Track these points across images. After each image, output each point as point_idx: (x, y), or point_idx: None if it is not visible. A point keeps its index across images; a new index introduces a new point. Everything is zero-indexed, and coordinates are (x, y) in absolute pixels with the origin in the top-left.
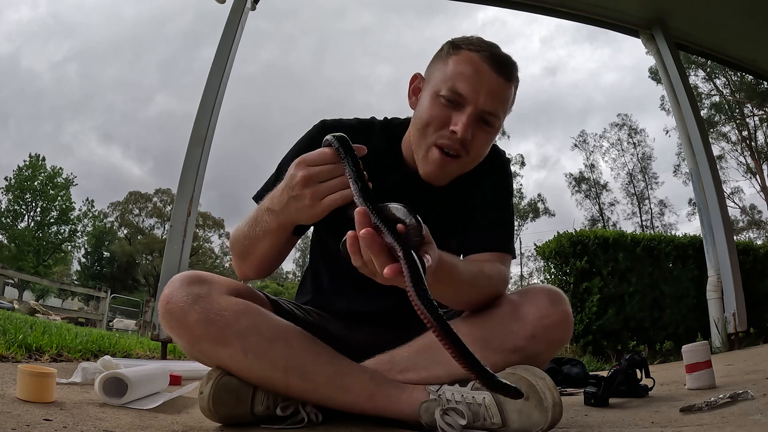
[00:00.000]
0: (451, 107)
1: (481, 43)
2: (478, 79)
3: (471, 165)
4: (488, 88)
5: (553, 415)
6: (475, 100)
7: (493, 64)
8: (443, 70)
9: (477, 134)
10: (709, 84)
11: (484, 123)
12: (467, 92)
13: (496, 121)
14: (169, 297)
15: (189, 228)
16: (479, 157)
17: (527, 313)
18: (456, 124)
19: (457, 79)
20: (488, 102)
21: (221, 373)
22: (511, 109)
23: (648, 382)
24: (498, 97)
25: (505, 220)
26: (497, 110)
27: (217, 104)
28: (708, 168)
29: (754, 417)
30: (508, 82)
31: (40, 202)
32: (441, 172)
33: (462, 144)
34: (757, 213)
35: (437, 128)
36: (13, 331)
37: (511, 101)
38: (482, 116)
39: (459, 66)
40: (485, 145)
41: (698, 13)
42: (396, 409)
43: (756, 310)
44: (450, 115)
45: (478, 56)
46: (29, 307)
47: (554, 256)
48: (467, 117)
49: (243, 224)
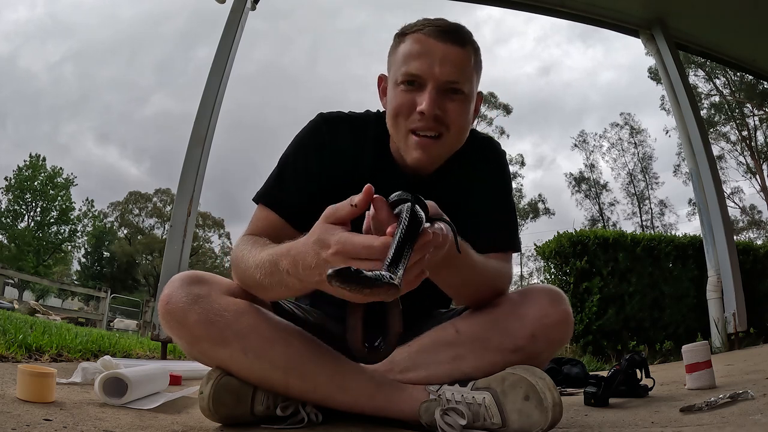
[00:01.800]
0: (413, 91)
1: (424, 22)
2: (427, 54)
3: (456, 140)
4: (441, 59)
5: (553, 415)
6: (430, 74)
7: (438, 36)
8: (395, 59)
9: (448, 106)
10: (709, 84)
11: (452, 92)
12: (420, 70)
13: (462, 87)
14: (169, 297)
15: (189, 228)
16: (461, 128)
17: (527, 312)
18: (421, 104)
19: (408, 62)
20: (445, 71)
21: (221, 373)
22: (478, 73)
23: (648, 382)
24: (454, 64)
25: (508, 219)
26: (457, 77)
27: (217, 104)
28: (708, 168)
29: (754, 417)
30: (460, 47)
31: (40, 202)
32: (426, 156)
33: (437, 120)
34: (757, 213)
35: (406, 115)
36: (13, 331)
37: (473, 65)
38: (445, 87)
39: (407, 48)
40: (461, 114)
41: (698, 13)
42: (396, 409)
43: (756, 310)
44: (414, 99)
45: (422, 34)
46: (29, 307)
47: (554, 256)
48: (429, 93)
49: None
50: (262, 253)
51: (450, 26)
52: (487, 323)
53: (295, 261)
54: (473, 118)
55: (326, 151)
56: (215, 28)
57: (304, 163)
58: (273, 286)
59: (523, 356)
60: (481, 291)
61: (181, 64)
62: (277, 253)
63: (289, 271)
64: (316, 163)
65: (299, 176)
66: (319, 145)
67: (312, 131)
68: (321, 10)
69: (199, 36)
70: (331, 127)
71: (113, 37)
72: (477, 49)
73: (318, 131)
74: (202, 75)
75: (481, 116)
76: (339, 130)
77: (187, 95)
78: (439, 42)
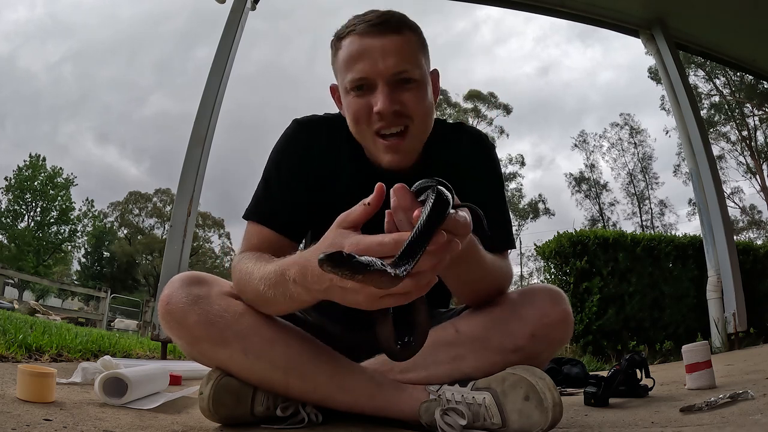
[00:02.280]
0: (365, 94)
1: (355, 21)
2: (366, 54)
3: (423, 128)
4: (381, 54)
5: (553, 415)
6: (376, 73)
7: (372, 31)
8: (339, 66)
9: (404, 97)
10: (709, 84)
11: (404, 83)
12: (365, 72)
13: (412, 74)
14: (169, 298)
15: (189, 228)
16: (425, 115)
17: (527, 312)
18: (376, 104)
19: (351, 68)
20: (390, 65)
21: (221, 373)
22: (425, 53)
23: (648, 382)
24: (396, 54)
25: (504, 217)
26: (404, 66)
27: (217, 104)
28: (708, 168)
29: (754, 417)
30: (397, 34)
31: (40, 202)
32: (397, 155)
33: (397, 115)
34: (757, 213)
35: (366, 119)
36: (13, 331)
37: (418, 47)
38: (396, 80)
39: (345, 54)
40: (420, 101)
41: (698, 13)
42: (396, 409)
43: (756, 310)
44: (368, 102)
45: (354, 36)
46: (29, 307)
47: (554, 256)
48: (381, 92)
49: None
50: (267, 266)
51: (381, 16)
52: (487, 323)
53: (304, 269)
54: (435, 98)
55: (306, 156)
56: (215, 28)
57: (288, 172)
58: (277, 298)
59: (523, 356)
60: (487, 288)
61: (181, 64)
62: (284, 264)
63: (296, 280)
64: (299, 170)
65: (285, 187)
66: (298, 151)
67: (289, 139)
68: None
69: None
70: (307, 131)
71: (112, 37)
72: (416, 28)
73: (295, 138)
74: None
75: (481, 116)
76: (315, 134)
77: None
78: (374, 37)
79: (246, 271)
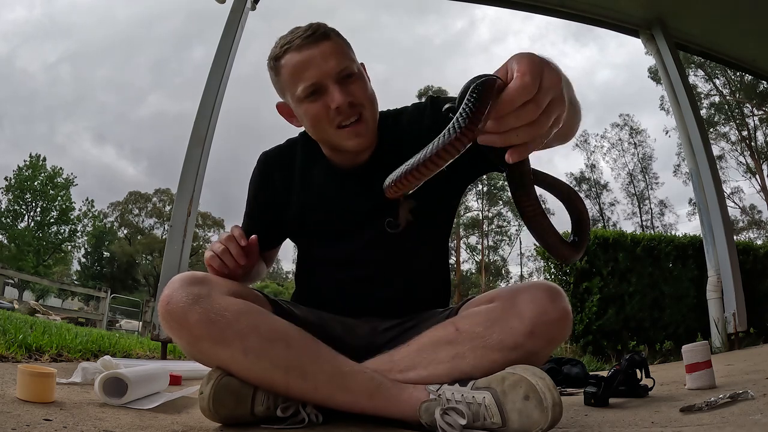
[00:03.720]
0: (318, 98)
1: (289, 39)
2: (310, 62)
3: (373, 112)
4: (322, 58)
5: (553, 415)
6: (324, 74)
7: (307, 42)
8: (285, 83)
9: (352, 89)
10: (709, 84)
11: (348, 77)
12: (314, 77)
13: (351, 69)
14: (169, 297)
15: (189, 228)
16: (372, 100)
17: (526, 309)
18: (332, 101)
19: (299, 79)
20: (332, 65)
21: (221, 373)
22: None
23: (648, 382)
24: (334, 56)
25: None
26: (344, 63)
27: (217, 104)
28: (708, 168)
29: (754, 417)
30: (328, 40)
31: (40, 202)
32: (360, 138)
33: (352, 106)
34: (757, 213)
35: (326, 117)
36: (13, 331)
37: (347, 47)
38: (341, 77)
39: (290, 69)
40: (365, 89)
41: (698, 13)
42: (396, 409)
43: (756, 310)
44: (324, 102)
45: (293, 51)
46: (29, 307)
47: None
48: (334, 89)
49: None
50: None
51: (310, 29)
52: (486, 321)
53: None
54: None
55: (275, 182)
56: (212, 29)
57: (263, 195)
58: None
59: (522, 354)
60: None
61: (177, 64)
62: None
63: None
64: (273, 197)
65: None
66: (268, 180)
67: (258, 169)
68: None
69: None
70: (270, 158)
71: (109, 37)
72: (338, 33)
73: (262, 166)
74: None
75: None
76: (276, 159)
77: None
78: (311, 47)
79: None
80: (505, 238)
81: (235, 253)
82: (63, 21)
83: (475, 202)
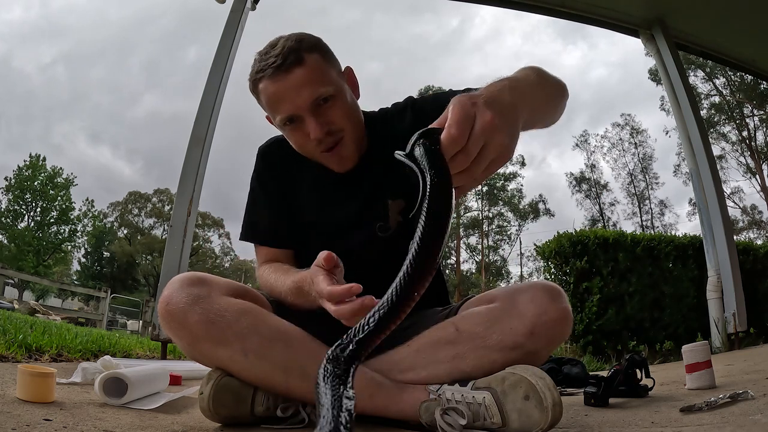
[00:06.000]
0: (297, 127)
1: (262, 65)
2: (282, 95)
3: (355, 127)
4: (294, 90)
5: (553, 415)
6: (298, 107)
7: (278, 73)
8: (265, 105)
9: (329, 114)
10: (709, 84)
11: (324, 102)
12: (288, 110)
13: (327, 93)
14: (169, 298)
15: (189, 228)
16: (350, 117)
17: (526, 309)
18: (309, 134)
19: (275, 109)
20: (305, 96)
21: (221, 373)
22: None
23: (648, 382)
24: (306, 84)
25: None
26: (318, 91)
27: (217, 104)
28: (708, 168)
29: (754, 417)
30: (300, 66)
31: (40, 202)
32: (343, 160)
33: (330, 133)
34: (757, 213)
35: (307, 144)
36: (13, 331)
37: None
38: (316, 104)
39: (266, 98)
40: (343, 109)
41: (698, 13)
42: (396, 409)
43: (756, 310)
44: (303, 130)
45: (267, 80)
46: (29, 307)
47: (554, 256)
48: (309, 122)
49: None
50: (287, 281)
51: (281, 54)
52: (486, 321)
53: (312, 289)
54: (356, 93)
55: (273, 176)
56: (207, 29)
57: (265, 189)
58: (307, 302)
59: (522, 354)
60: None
61: (172, 64)
62: (299, 281)
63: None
64: (273, 190)
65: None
66: (267, 175)
67: (259, 163)
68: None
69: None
70: (268, 154)
71: (104, 38)
72: (314, 45)
73: (262, 161)
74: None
75: None
76: (274, 154)
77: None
78: (282, 78)
79: (271, 285)
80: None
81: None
82: (59, 22)
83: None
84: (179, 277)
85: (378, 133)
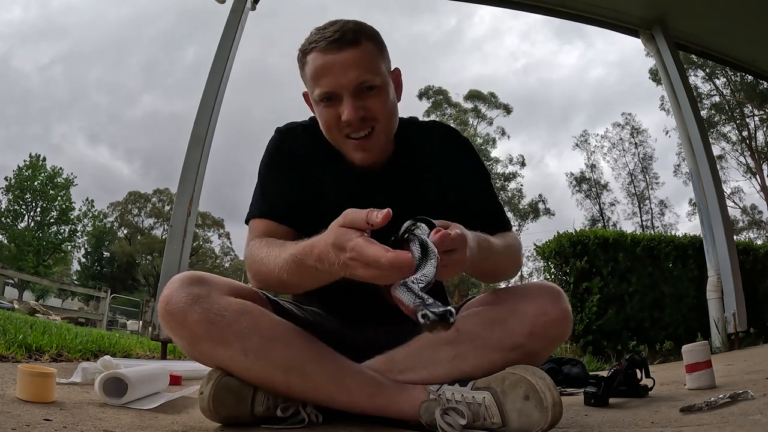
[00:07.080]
0: (333, 105)
1: (317, 36)
2: (329, 69)
3: (388, 127)
4: (342, 68)
5: (553, 415)
6: (340, 86)
7: (332, 47)
8: (307, 80)
9: (368, 103)
10: (709, 84)
11: (367, 90)
12: (330, 86)
13: (373, 82)
14: (169, 298)
15: (189, 228)
16: (388, 115)
17: (526, 310)
18: (343, 113)
19: (317, 82)
20: (351, 77)
21: (221, 373)
22: (384, 57)
23: (648, 382)
24: (356, 67)
25: (494, 203)
26: (364, 76)
27: (216, 104)
28: (708, 168)
29: (754, 417)
30: (355, 47)
31: (40, 202)
32: (367, 153)
33: (363, 120)
34: (757, 213)
35: (336, 126)
36: (13, 331)
37: (376, 55)
38: (359, 89)
39: (311, 69)
40: (383, 104)
41: (698, 13)
42: (396, 409)
43: (756, 310)
44: (336, 111)
45: (318, 51)
46: (29, 307)
47: (554, 256)
48: (346, 103)
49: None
50: (282, 254)
51: (340, 31)
52: (486, 321)
53: (320, 258)
54: (399, 95)
55: (291, 160)
56: (205, 29)
57: (279, 173)
58: (301, 282)
59: (522, 354)
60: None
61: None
62: (300, 252)
63: (317, 267)
64: (288, 171)
65: (278, 185)
66: (284, 156)
67: (275, 144)
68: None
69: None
70: (288, 138)
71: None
72: (372, 35)
73: (280, 142)
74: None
75: (481, 116)
76: (296, 138)
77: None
78: (335, 52)
79: (260, 259)
80: None
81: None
82: (57, 22)
83: None
84: (179, 277)
85: (412, 140)
